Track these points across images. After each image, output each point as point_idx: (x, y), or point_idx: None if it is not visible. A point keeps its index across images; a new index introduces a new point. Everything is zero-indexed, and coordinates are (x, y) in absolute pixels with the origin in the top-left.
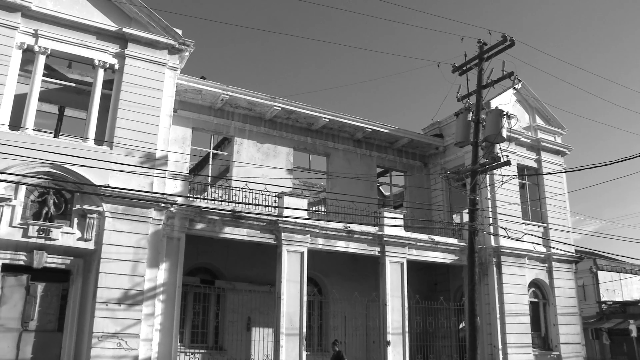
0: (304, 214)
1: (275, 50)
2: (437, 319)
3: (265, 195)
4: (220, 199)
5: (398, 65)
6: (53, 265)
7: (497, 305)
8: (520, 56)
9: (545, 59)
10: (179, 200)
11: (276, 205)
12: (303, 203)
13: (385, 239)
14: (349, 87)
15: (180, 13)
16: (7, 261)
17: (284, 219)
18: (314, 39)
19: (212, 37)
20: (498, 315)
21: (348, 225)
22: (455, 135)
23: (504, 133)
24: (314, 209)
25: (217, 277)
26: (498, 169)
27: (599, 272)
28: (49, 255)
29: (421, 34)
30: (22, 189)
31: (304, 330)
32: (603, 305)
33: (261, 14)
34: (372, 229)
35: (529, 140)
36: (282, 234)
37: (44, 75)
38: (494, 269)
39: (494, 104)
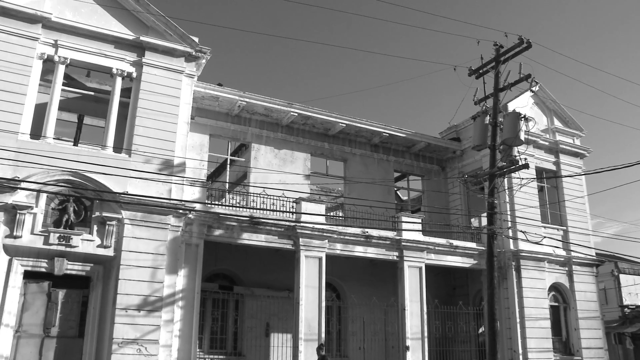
0: (322, 219)
1: (291, 55)
2: (456, 324)
3: (283, 201)
4: (238, 205)
5: (414, 69)
6: (73, 272)
7: (517, 310)
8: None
9: (563, 61)
10: (197, 206)
11: (294, 210)
12: (321, 208)
13: (403, 243)
14: (366, 91)
15: (197, 21)
16: (29, 268)
17: (302, 224)
18: (329, 44)
19: (228, 43)
20: (518, 320)
21: (366, 230)
22: (473, 139)
23: (522, 136)
24: (331, 214)
25: (235, 283)
26: (516, 172)
27: (621, 276)
28: (69, 262)
29: (437, 37)
30: (43, 197)
31: (323, 335)
32: (625, 309)
33: (277, 20)
34: (390, 234)
35: (547, 143)
36: (300, 239)
37: (63, 84)
38: (513, 272)
39: (511, 106)
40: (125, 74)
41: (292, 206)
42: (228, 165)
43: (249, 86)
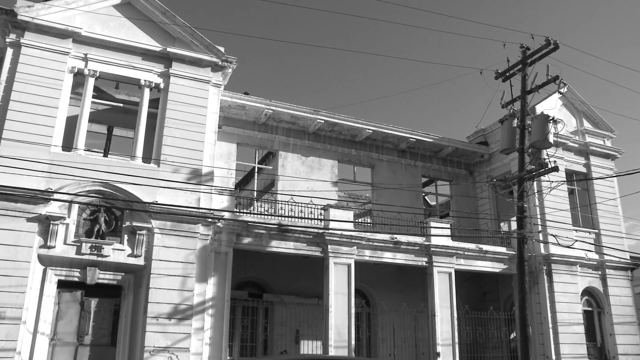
0: (350, 226)
1: (316, 62)
2: (487, 330)
3: (311, 208)
4: (266, 213)
5: (440, 73)
6: (105, 281)
7: (549, 315)
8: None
9: (592, 61)
10: (226, 215)
11: (322, 217)
12: (349, 215)
13: (432, 249)
14: (392, 97)
15: (222, 30)
16: (62, 278)
17: (330, 231)
18: (355, 51)
19: (253, 52)
20: (550, 325)
21: (394, 236)
22: (501, 143)
23: (551, 138)
24: (359, 220)
25: (264, 291)
26: (546, 175)
27: None
28: (101, 272)
29: (463, 41)
30: (75, 208)
31: (353, 342)
32: None
33: (301, 28)
34: (419, 240)
35: (577, 145)
36: (329, 246)
37: (93, 97)
38: (545, 277)
39: (539, 109)
40: (153, 85)
41: (320, 213)
42: (256, 174)
43: (275, 94)
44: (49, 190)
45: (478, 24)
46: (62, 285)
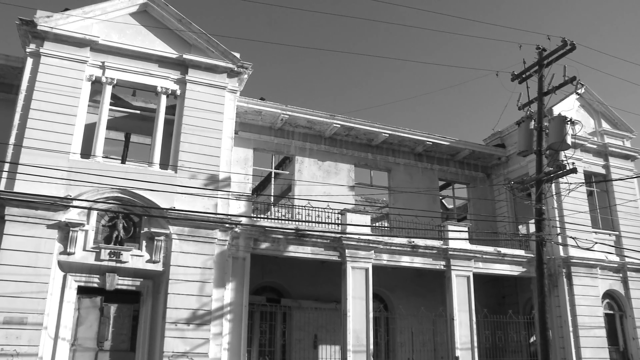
0: (368, 230)
1: (331, 67)
2: (506, 333)
3: (328, 212)
4: (283, 218)
5: (456, 76)
6: (124, 287)
7: (570, 318)
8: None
9: (610, 61)
10: (243, 220)
11: (339, 222)
12: (366, 219)
13: (450, 252)
14: (408, 101)
15: (237, 37)
16: (82, 284)
17: (348, 235)
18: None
19: (268, 57)
20: (571, 329)
21: (412, 240)
22: (518, 145)
23: (569, 140)
24: (377, 224)
25: (282, 296)
26: (564, 177)
27: None
28: (120, 278)
29: (478, 43)
30: (94, 214)
31: (371, 347)
32: None
33: (315, 32)
34: (436, 243)
35: (595, 146)
36: (346, 250)
37: (110, 104)
38: (564, 280)
39: (556, 110)
40: (170, 92)
41: (338, 217)
42: (272, 179)
43: (291, 99)
44: (68, 197)
45: (494, 26)
46: (82, 291)
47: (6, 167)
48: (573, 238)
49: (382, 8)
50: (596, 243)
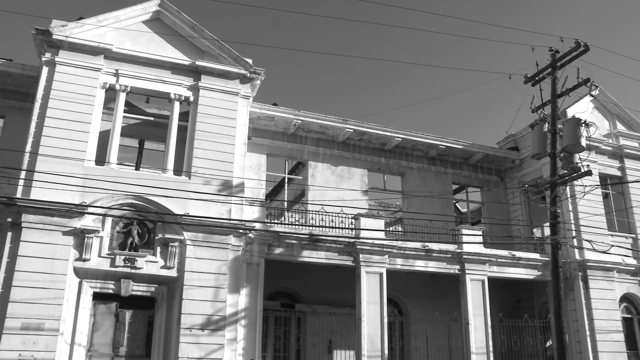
0: (381, 234)
1: (343, 71)
2: (522, 338)
3: (342, 217)
4: (297, 223)
5: (469, 79)
6: (139, 293)
7: (586, 322)
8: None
9: (624, 62)
10: (257, 226)
11: (353, 227)
12: (380, 224)
13: (464, 256)
14: (420, 104)
15: (250, 42)
16: (97, 290)
17: (362, 240)
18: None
19: (281, 63)
20: (588, 333)
21: (426, 244)
22: (532, 148)
23: (583, 142)
24: (391, 229)
25: (297, 301)
26: (579, 180)
27: None
28: (135, 284)
29: (490, 46)
30: (109, 221)
31: (386, 352)
32: None
33: (327, 37)
34: (450, 247)
35: (610, 148)
36: (360, 255)
37: (124, 111)
38: (580, 283)
39: (570, 112)
40: (183, 99)
41: (351, 222)
42: (286, 184)
43: (304, 104)
44: (84, 204)
45: (506, 29)
46: (97, 297)
47: (23, 174)
48: (589, 241)
49: (393, 12)
50: (612, 246)
